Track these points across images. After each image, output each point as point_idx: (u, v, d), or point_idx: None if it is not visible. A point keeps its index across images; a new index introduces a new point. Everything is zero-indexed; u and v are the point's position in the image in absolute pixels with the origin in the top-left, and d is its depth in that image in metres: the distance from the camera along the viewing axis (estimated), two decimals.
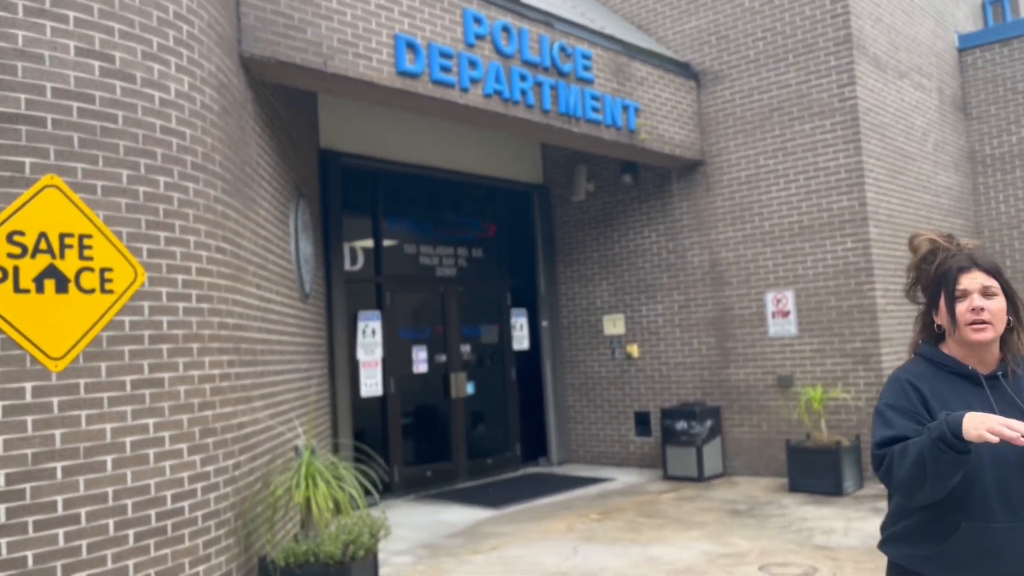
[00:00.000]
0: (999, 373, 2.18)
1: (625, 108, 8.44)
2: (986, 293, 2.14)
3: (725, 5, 9.42)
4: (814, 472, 8.06)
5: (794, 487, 8.17)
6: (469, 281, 10.09)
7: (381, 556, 6.41)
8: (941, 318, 2.21)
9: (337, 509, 4.94)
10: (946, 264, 2.19)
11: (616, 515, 7.56)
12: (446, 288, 9.76)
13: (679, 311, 9.80)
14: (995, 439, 1.85)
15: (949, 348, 2.24)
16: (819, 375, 8.71)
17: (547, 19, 7.68)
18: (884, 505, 7.08)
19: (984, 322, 2.13)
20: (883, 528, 2.29)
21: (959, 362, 2.20)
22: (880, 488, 8.14)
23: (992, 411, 2.07)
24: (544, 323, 10.64)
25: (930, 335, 2.27)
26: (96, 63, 4.02)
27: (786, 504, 7.68)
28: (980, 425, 1.87)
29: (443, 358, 9.60)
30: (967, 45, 10.93)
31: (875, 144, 8.78)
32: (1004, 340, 2.20)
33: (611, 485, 9.05)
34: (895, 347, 8.63)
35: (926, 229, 2.24)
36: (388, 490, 8.87)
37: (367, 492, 8.59)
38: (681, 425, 9.10)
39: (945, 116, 10.53)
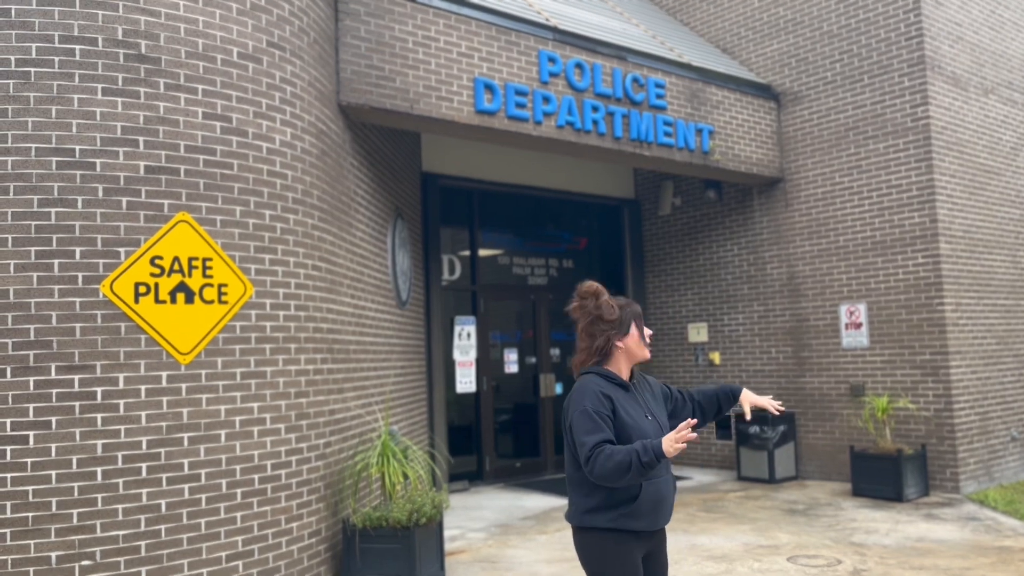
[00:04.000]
0: (633, 383, 3.21)
1: (699, 131, 9.05)
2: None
3: (805, 29, 9.83)
4: (876, 478, 8.40)
5: (857, 492, 8.54)
6: (559, 289, 10.93)
7: (457, 531, 7.38)
8: (632, 341, 3.17)
9: (432, 483, 5.91)
10: (634, 309, 3.23)
11: (678, 509, 8.20)
12: (537, 296, 10.64)
13: (758, 321, 10.27)
14: (685, 444, 2.78)
15: (612, 367, 3.17)
16: (889, 385, 9.00)
17: (620, 53, 8.42)
18: (940, 512, 7.48)
19: (650, 344, 3.27)
20: (578, 510, 3.04)
21: (619, 376, 3.15)
22: (943, 496, 8.40)
23: (640, 406, 3.12)
24: None
25: (599, 360, 3.17)
26: (218, 123, 5.15)
27: (844, 507, 8.08)
28: (670, 445, 2.78)
29: (533, 360, 10.49)
30: None
31: (950, 162, 8.98)
32: None
33: (686, 483, 9.66)
34: (967, 360, 8.82)
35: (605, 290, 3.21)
36: (479, 477, 9.85)
37: (456, 477, 9.61)
38: (753, 429, 9.60)
39: None
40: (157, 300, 4.83)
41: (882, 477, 8.37)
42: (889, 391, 8.97)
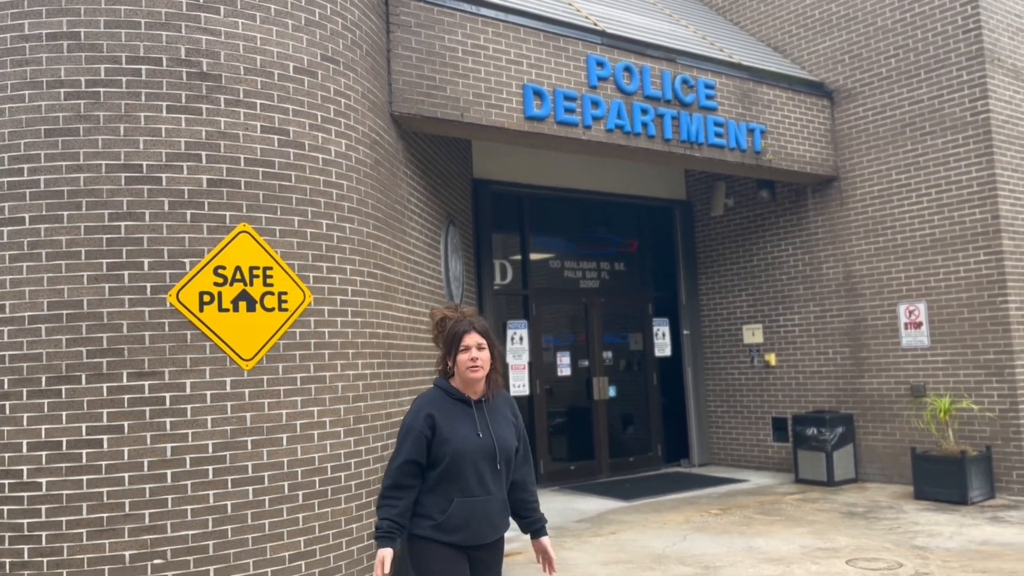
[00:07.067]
0: (482, 399, 3.34)
1: (751, 131, 8.99)
2: (480, 347, 3.28)
3: (858, 25, 9.70)
4: (939, 480, 8.24)
5: (919, 494, 8.38)
6: (611, 292, 10.95)
7: (512, 534, 7.44)
8: (452, 363, 3.30)
9: None
10: (455, 328, 3.30)
11: (735, 511, 8.15)
12: (589, 299, 10.67)
13: (815, 321, 10.14)
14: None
15: (455, 382, 3.33)
16: (952, 386, 8.82)
17: (669, 55, 8.42)
18: (1006, 515, 7.32)
19: (477, 367, 3.26)
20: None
21: (460, 392, 3.31)
22: (1009, 499, 8.20)
23: (475, 423, 3.27)
24: (685, 332, 11.28)
25: (445, 373, 3.38)
26: (275, 137, 5.32)
27: (906, 510, 7.94)
28: (378, 562, 3.15)
29: (586, 363, 10.51)
30: None
31: (1012, 156, 8.77)
32: (488, 377, 3.34)
33: (742, 486, 9.59)
34: None
35: (440, 305, 3.28)
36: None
37: None
38: (811, 431, 9.48)
39: None
40: (220, 308, 5.01)
41: (945, 479, 8.20)
42: (951, 391, 8.79)
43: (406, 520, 3.23)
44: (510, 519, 3.46)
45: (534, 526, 3.52)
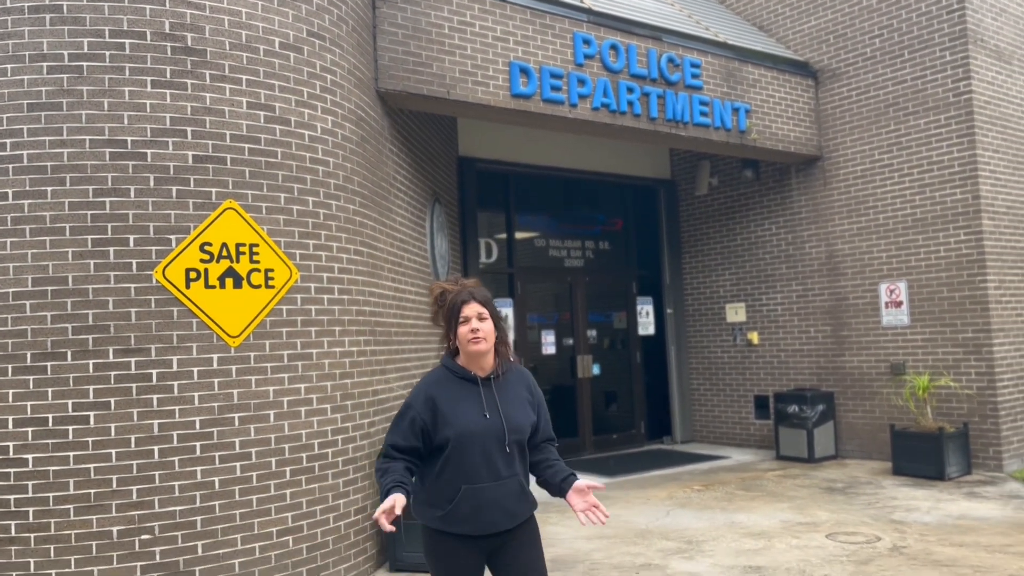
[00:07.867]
0: (491, 376, 3.09)
1: (736, 110, 9.01)
2: (480, 318, 3.02)
3: (843, 4, 9.72)
4: (917, 456, 8.38)
5: (898, 470, 8.53)
6: (596, 271, 10.99)
7: None
8: (454, 336, 3.06)
9: None
10: (453, 300, 3.07)
11: (717, 487, 8.26)
12: (573, 278, 10.71)
13: (797, 300, 10.24)
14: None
15: (460, 359, 3.10)
16: (931, 364, 8.94)
17: (655, 34, 8.41)
18: (982, 490, 7.44)
19: (479, 338, 3.00)
20: (414, 501, 3.11)
21: (465, 369, 3.08)
22: (985, 475, 8.35)
23: (482, 403, 3.02)
24: (669, 310, 11.36)
25: (450, 350, 3.15)
26: (261, 113, 5.29)
27: (884, 485, 8.08)
28: (380, 511, 2.77)
29: (570, 341, 10.57)
30: None
31: (993, 137, 8.85)
32: (497, 351, 3.11)
33: (724, 462, 9.70)
34: (1010, 337, 8.73)
35: (440, 281, 3.13)
36: None
37: None
38: (792, 408, 9.60)
39: None
40: (207, 285, 5.00)
41: (923, 456, 8.34)
42: (930, 369, 8.92)
43: (406, 476, 2.98)
44: (531, 498, 3.15)
45: (561, 483, 3.11)
